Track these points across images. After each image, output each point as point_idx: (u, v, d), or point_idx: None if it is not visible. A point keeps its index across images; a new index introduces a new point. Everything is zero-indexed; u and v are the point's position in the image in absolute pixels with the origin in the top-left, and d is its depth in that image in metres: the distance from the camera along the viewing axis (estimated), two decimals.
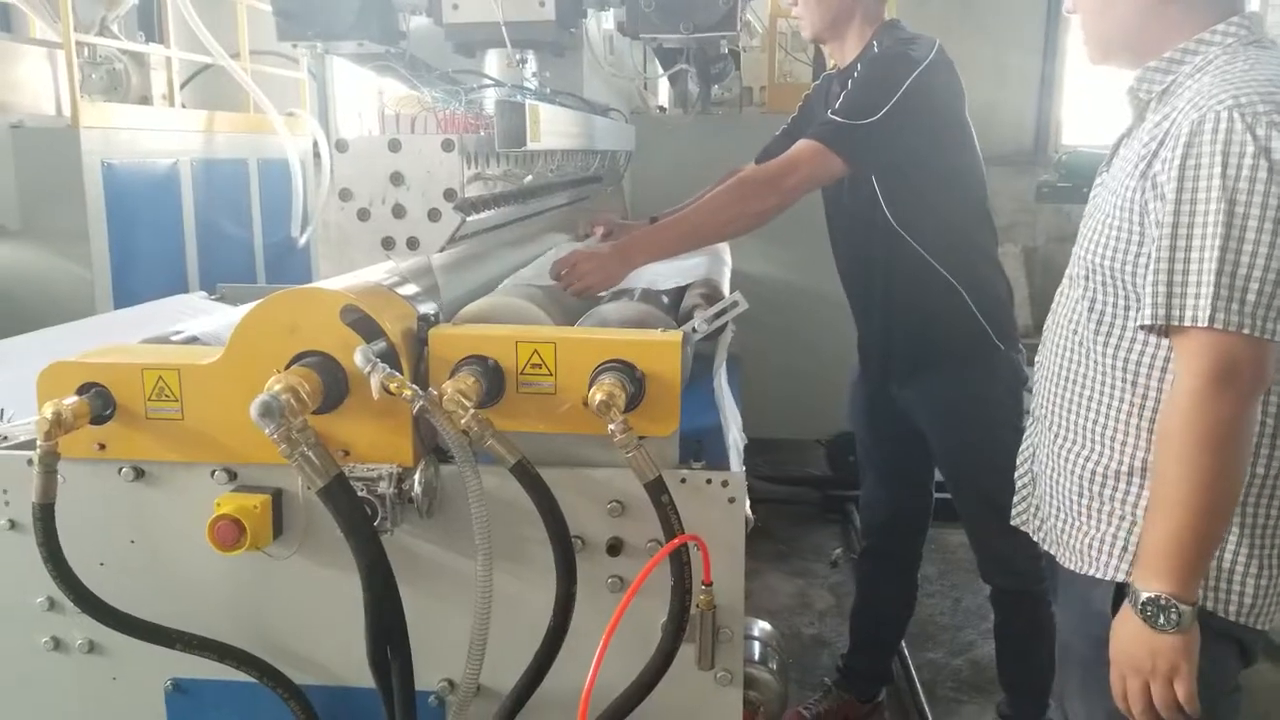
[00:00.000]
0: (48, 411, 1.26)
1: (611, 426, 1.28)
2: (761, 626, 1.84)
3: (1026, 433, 1.61)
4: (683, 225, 2.03)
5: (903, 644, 2.91)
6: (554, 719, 1.42)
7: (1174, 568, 1.23)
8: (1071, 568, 1.44)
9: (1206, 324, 1.18)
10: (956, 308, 2.16)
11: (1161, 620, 1.23)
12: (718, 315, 1.47)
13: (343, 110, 6.12)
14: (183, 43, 4.77)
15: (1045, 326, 1.56)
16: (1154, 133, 1.29)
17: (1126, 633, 1.28)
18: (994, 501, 2.32)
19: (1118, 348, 1.36)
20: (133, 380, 1.35)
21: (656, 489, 1.29)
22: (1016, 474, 1.63)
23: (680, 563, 1.30)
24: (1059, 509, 1.47)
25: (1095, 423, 1.39)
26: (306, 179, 5.10)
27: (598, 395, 1.29)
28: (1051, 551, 1.51)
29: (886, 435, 2.45)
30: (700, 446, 1.45)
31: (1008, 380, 2.19)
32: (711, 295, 1.99)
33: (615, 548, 1.42)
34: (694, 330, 1.47)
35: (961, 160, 2.19)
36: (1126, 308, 1.34)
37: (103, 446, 1.38)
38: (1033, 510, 1.57)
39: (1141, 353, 1.33)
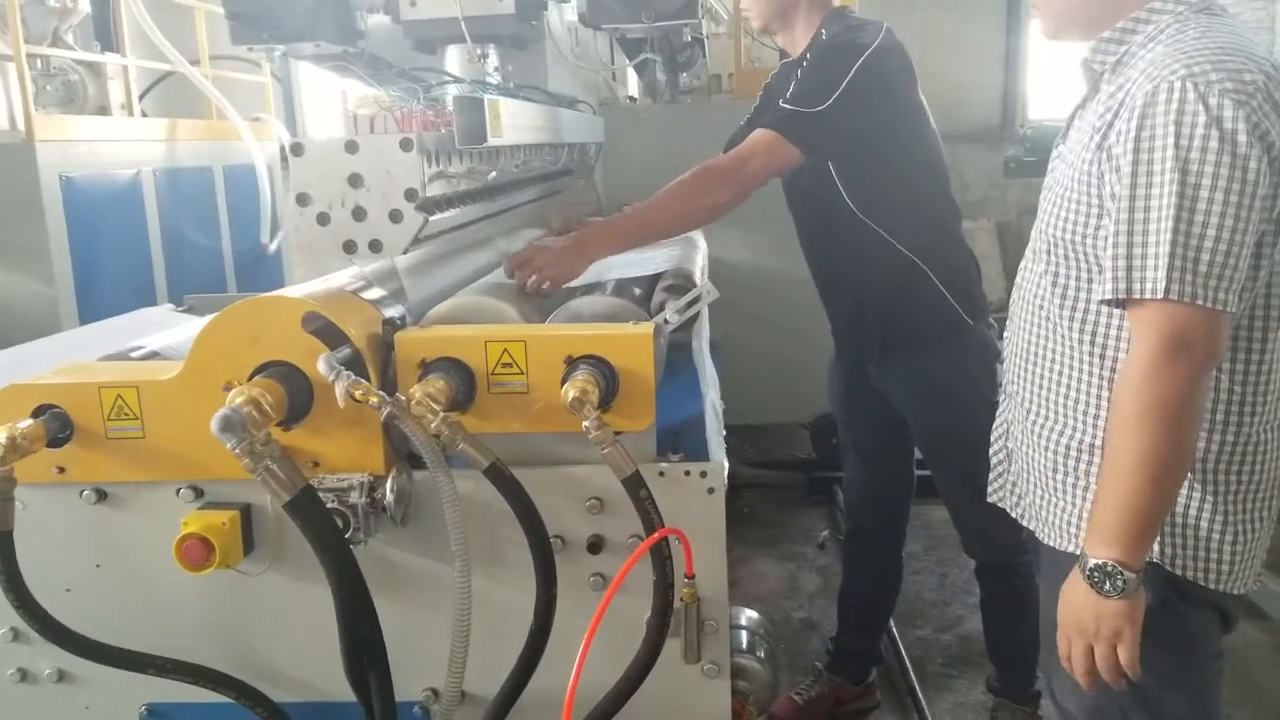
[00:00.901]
0: (1, 436, 1.22)
1: (586, 424, 1.26)
2: (749, 615, 1.83)
3: (1000, 409, 1.60)
4: (639, 217, 2.02)
5: (891, 622, 2.91)
6: None
7: (1122, 536, 1.24)
8: (1051, 543, 1.43)
9: (1161, 295, 1.18)
10: (923, 287, 2.16)
11: (1107, 586, 1.24)
12: (689, 305, 1.45)
13: (309, 114, 6.06)
14: (140, 51, 4.68)
15: (1011, 302, 1.55)
16: (1109, 104, 1.28)
17: (1073, 597, 1.30)
18: (971, 476, 2.31)
19: (1083, 322, 1.35)
20: (90, 400, 1.32)
21: (634, 484, 1.27)
22: (991, 450, 1.62)
23: (661, 557, 1.28)
24: (1035, 485, 1.47)
25: (1066, 398, 1.39)
26: (274, 185, 5.03)
27: (570, 392, 1.27)
28: (1030, 527, 1.51)
29: (865, 416, 2.44)
30: (678, 439, 1.42)
31: (979, 354, 2.19)
32: (683, 285, 1.97)
33: (596, 545, 1.40)
34: (666, 321, 1.44)
35: (917, 140, 2.19)
36: (1089, 280, 1.33)
37: (62, 469, 1.34)
38: (1009, 486, 1.57)
39: (1108, 325, 1.33)
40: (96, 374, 1.37)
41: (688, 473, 1.38)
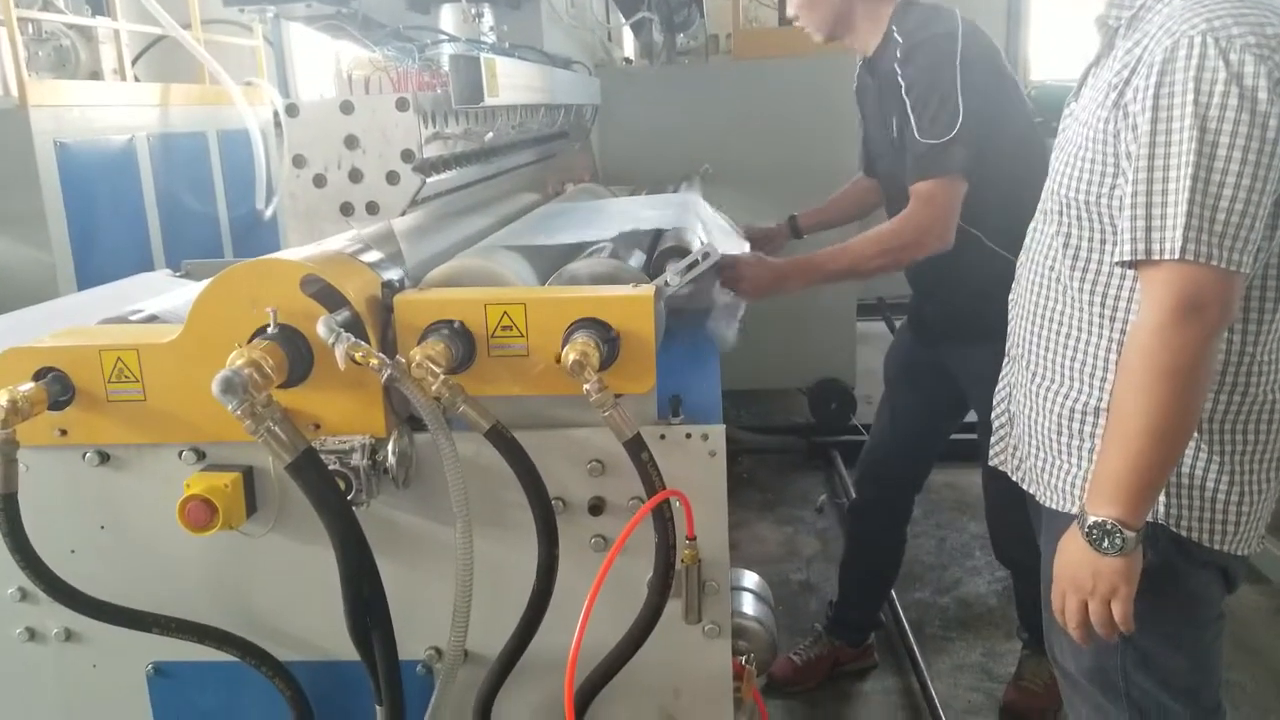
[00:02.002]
0: (2, 399, 1.22)
1: (587, 386, 1.25)
2: (749, 576, 1.84)
3: (1003, 372, 1.60)
4: (841, 261, 2.06)
5: (892, 587, 2.93)
6: (543, 681, 1.42)
7: (1124, 495, 1.24)
8: (1053, 506, 1.44)
9: (1178, 255, 1.16)
10: (1009, 281, 2.13)
11: (1105, 544, 1.25)
12: (690, 267, 1.45)
13: (303, 77, 6.00)
14: (131, 15, 4.62)
15: (1019, 264, 1.54)
16: (1125, 60, 1.27)
17: (1070, 552, 1.30)
18: None
19: (1094, 284, 1.34)
20: (90, 363, 1.31)
21: (635, 447, 1.27)
22: (994, 414, 1.62)
23: (663, 519, 1.29)
24: (1038, 448, 1.47)
25: (1073, 360, 1.38)
26: (269, 149, 4.99)
27: (571, 355, 1.26)
28: (1030, 490, 1.51)
29: (918, 388, 2.44)
30: (679, 401, 1.42)
31: None
32: (683, 248, 1.96)
33: (597, 508, 1.40)
34: (666, 284, 1.44)
35: (1017, 123, 2.15)
36: (1103, 242, 1.32)
37: (64, 432, 1.34)
38: (1010, 450, 1.57)
39: (1119, 288, 1.32)
40: (96, 337, 1.37)
41: (689, 435, 1.38)
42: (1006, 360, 1.58)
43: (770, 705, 2.51)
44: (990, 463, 1.62)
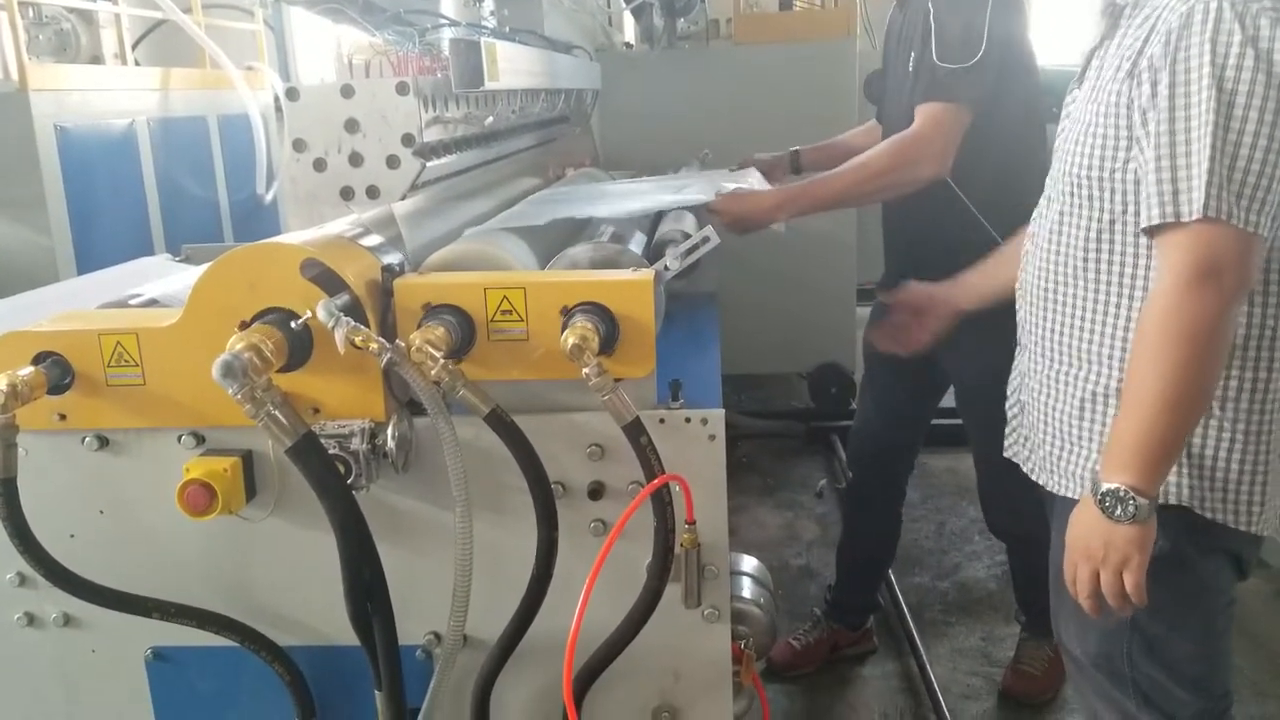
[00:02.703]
0: (2, 383, 1.22)
1: (586, 370, 1.25)
2: (749, 561, 1.84)
3: (1015, 362, 1.59)
4: (834, 186, 2.00)
5: (888, 569, 2.94)
6: (542, 666, 1.42)
7: (1139, 462, 1.23)
8: (1067, 494, 1.43)
9: (1199, 214, 1.17)
10: (989, 251, 2.12)
11: (1119, 511, 1.24)
12: (689, 252, 1.44)
13: (303, 62, 5.97)
14: None
15: (1024, 252, 1.53)
16: (1137, 34, 1.27)
17: (1083, 521, 1.29)
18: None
19: (1109, 263, 1.34)
20: (90, 347, 1.31)
21: (635, 431, 1.27)
22: (1006, 404, 1.61)
23: (662, 503, 1.29)
24: (1054, 435, 1.45)
25: (1091, 343, 1.37)
26: (269, 134, 4.97)
27: (570, 339, 1.26)
28: (1042, 481, 1.50)
29: (898, 364, 2.42)
30: (679, 385, 1.42)
31: None
32: (683, 231, 1.96)
33: (596, 492, 1.40)
34: (666, 268, 1.43)
35: (1025, 91, 2.10)
36: (1115, 219, 1.32)
37: (63, 417, 1.34)
38: (1022, 440, 1.56)
39: (1135, 265, 1.31)
40: (96, 321, 1.36)
41: (688, 420, 1.38)
42: (1018, 349, 1.57)
43: (769, 690, 2.51)
44: (1005, 454, 1.60)
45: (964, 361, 2.25)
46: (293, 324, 1.26)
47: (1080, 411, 1.40)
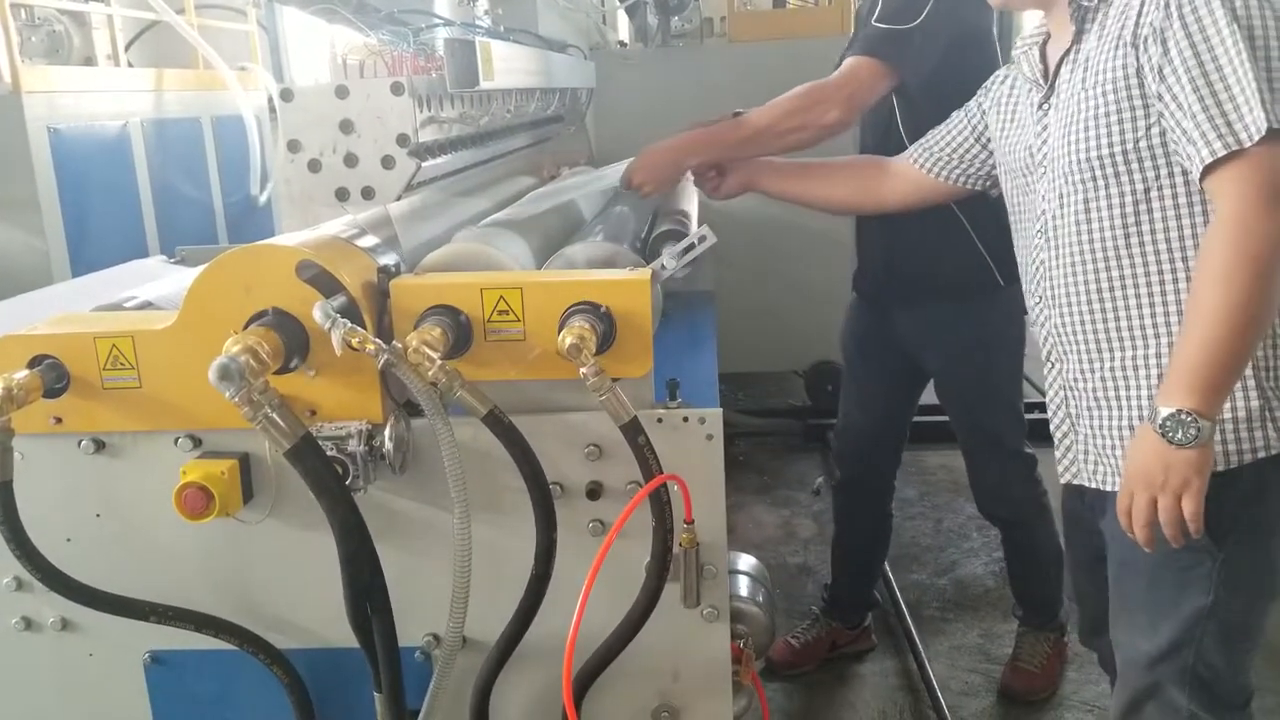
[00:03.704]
0: None
1: (584, 370, 1.25)
2: (746, 560, 1.84)
3: (1049, 381, 1.55)
4: (741, 132, 1.96)
5: (886, 566, 2.94)
6: (542, 666, 1.42)
7: (1199, 384, 1.23)
8: None
9: (1264, 130, 1.18)
10: (961, 243, 2.13)
11: (1179, 435, 1.23)
12: (686, 251, 1.44)
13: (296, 62, 5.96)
14: (125, 0, 4.59)
15: (1035, 264, 1.50)
16: (1119, 18, 1.32)
17: (1142, 448, 1.28)
18: (990, 431, 2.34)
19: (1154, 231, 1.34)
20: (85, 350, 1.31)
21: (632, 430, 1.27)
22: (1051, 426, 1.57)
23: (660, 502, 1.29)
24: (1115, 435, 1.42)
25: (1154, 316, 1.36)
26: (263, 135, 4.96)
27: (568, 339, 1.26)
28: (1111, 486, 1.44)
29: (876, 362, 2.43)
30: (677, 385, 1.42)
31: (1008, 310, 2.13)
32: (680, 231, 1.95)
33: (595, 492, 1.40)
34: (663, 267, 1.43)
35: (983, 66, 2.12)
36: (1157, 177, 1.32)
37: (59, 420, 1.33)
38: (1082, 455, 1.51)
39: (1181, 226, 1.32)
40: (91, 324, 1.36)
41: (686, 419, 1.38)
42: (1047, 366, 1.54)
43: (768, 688, 2.52)
44: (1061, 479, 1.56)
45: (937, 349, 2.26)
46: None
47: (1148, 395, 1.37)
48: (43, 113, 3.60)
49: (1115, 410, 1.43)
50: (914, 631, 2.73)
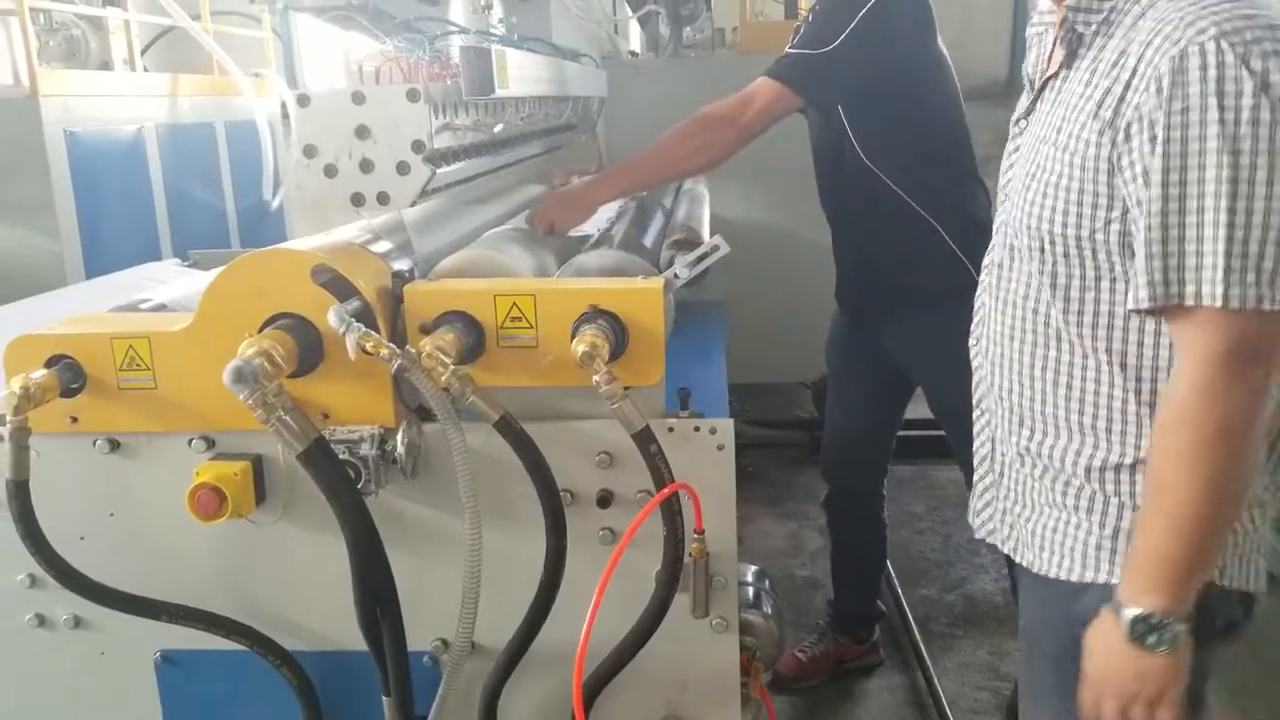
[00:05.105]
0: (15, 386, 1.23)
1: (596, 378, 1.25)
2: (755, 571, 1.84)
3: (976, 428, 1.39)
4: (640, 164, 2.03)
5: (895, 581, 2.93)
6: (550, 673, 1.42)
7: (1172, 579, 1.07)
8: (1064, 576, 1.23)
9: (1219, 302, 1.00)
10: (934, 245, 2.15)
11: (1153, 640, 1.08)
12: (699, 260, 1.44)
13: (310, 69, 6.00)
14: (141, 5, 4.62)
15: (980, 305, 1.36)
16: (1111, 74, 1.09)
17: (1108, 650, 1.12)
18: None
19: (1094, 328, 1.16)
20: (102, 350, 1.32)
21: (644, 439, 1.27)
22: (975, 476, 1.41)
23: (671, 512, 1.29)
24: (1036, 509, 1.27)
25: (1083, 414, 1.19)
26: (276, 141, 4.99)
27: (580, 347, 1.26)
28: (1027, 560, 1.30)
29: (861, 372, 2.44)
30: (688, 394, 1.42)
31: None
32: (691, 240, 1.96)
33: (605, 500, 1.40)
34: (675, 276, 1.44)
35: (932, 94, 2.15)
36: (1098, 280, 1.14)
37: (75, 419, 1.34)
38: (1000, 514, 1.36)
39: (1126, 330, 1.15)
40: (108, 325, 1.37)
41: (697, 429, 1.38)
42: (977, 412, 1.38)
43: (775, 702, 2.51)
44: (977, 534, 1.41)
45: (922, 360, 2.26)
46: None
47: (1079, 485, 1.21)
48: (59, 116, 3.63)
49: (1039, 486, 1.27)
50: (922, 647, 2.72)
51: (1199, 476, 1.04)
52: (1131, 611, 1.09)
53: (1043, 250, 1.18)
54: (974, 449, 1.40)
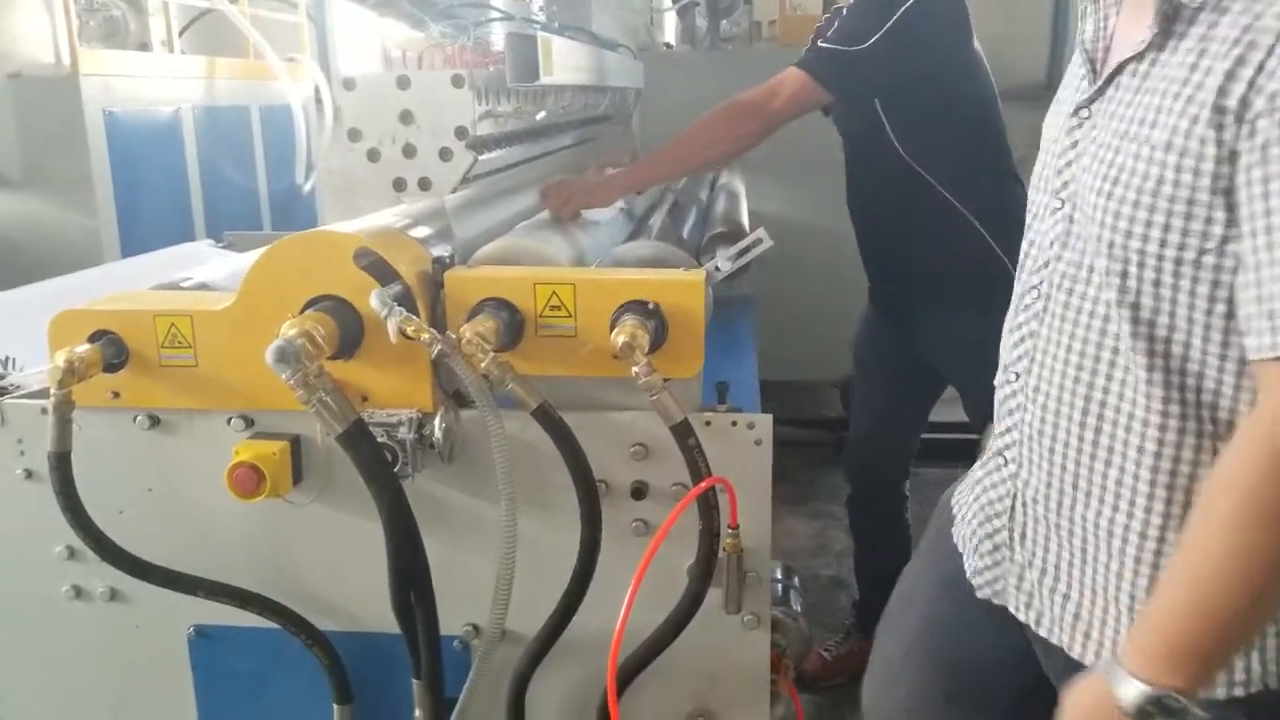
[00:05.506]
0: (60, 360, 1.24)
1: (636, 369, 1.25)
2: (783, 568, 1.83)
3: (994, 478, 1.20)
4: (666, 153, 2.03)
5: None
6: (577, 662, 1.42)
7: (1198, 659, 0.90)
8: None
9: None
10: (972, 242, 2.12)
11: None
12: (741, 253, 1.43)
13: (344, 55, 6.02)
14: None
15: (1025, 338, 1.13)
16: (1228, 54, 0.88)
17: None
18: None
19: (1182, 375, 0.94)
20: (144, 327, 1.32)
21: (683, 432, 1.26)
22: (984, 531, 1.21)
23: (708, 506, 1.28)
24: (1080, 589, 1.09)
25: (1154, 481, 0.98)
26: (309, 125, 5.02)
27: (620, 337, 1.26)
28: (1057, 638, 1.12)
29: (888, 371, 2.42)
30: (726, 388, 1.42)
31: None
32: (734, 233, 1.95)
33: (639, 492, 1.39)
34: (717, 269, 1.43)
35: (966, 93, 2.13)
36: (1194, 316, 0.92)
37: (117, 395, 1.35)
38: (1015, 581, 1.16)
39: (1218, 382, 0.94)
40: (151, 302, 1.38)
41: (734, 423, 1.37)
42: (997, 459, 1.19)
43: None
44: (979, 594, 1.22)
45: (963, 365, 2.24)
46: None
47: (1148, 571, 1.01)
48: (99, 95, 3.67)
49: (1087, 566, 1.08)
50: None
51: (1252, 548, 0.86)
52: (1140, 688, 0.90)
53: (1124, 275, 0.96)
54: (984, 497, 1.21)
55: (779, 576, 1.80)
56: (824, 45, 1.99)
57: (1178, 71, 0.93)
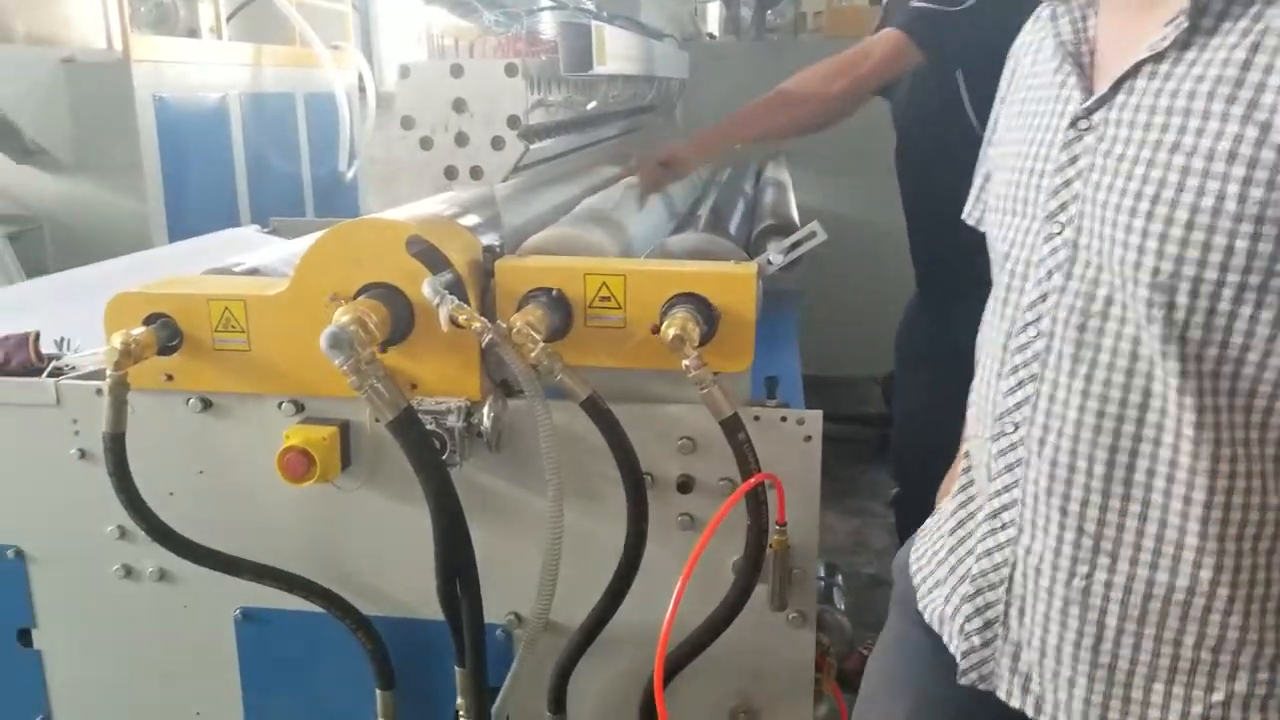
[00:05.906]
0: (116, 341, 1.25)
1: (686, 362, 1.23)
2: (827, 566, 1.82)
3: (988, 544, 1.01)
4: (752, 113, 1.97)
5: None
6: (620, 654, 1.41)
7: None
8: None
9: None
10: None
11: None
12: (794, 246, 1.41)
13: (388, 43, 6.06)
14: None
15: (1025, 380, 0.96)
16: (1239, 41, 0.80)
17: None
18: None
19: (1231, 411, 0.84)
20: (199, 311, 1.33)
21: (733, 426, 1.25)
22: (972, 605, 1.02)
23: (757, 501, 1.27)
24: (1089, 673, 0.94)
25: (1204, 534, 0.86)
26: (353, 113, 5.06)
27: (671, 330, 1.25)
28: None
29: (935, 365, 2.36)
30: (776, 383, 1.40)
31: None
32: (785, 226, 1.93)
33: (686, 485, 1.38)
34: (769, 262, 1.41)
35: None
36: (1266, 353, 0.81)
37: (170, 377, 1.37)
38: (1007, 665, 1.00)
39: (1266, 439, 0.84)
40: (204, 286, 1.39)
41: (784, 419, 1.36)
42: (994, 523, 1.01)
43: None
44: (961, 680, 1.03)
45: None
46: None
47: (1194, 625, 0.89)
48: (149, 81, 3.72)
49: (1121, 637, 0.92)
50: None
51: None
52: None
53: (1171, 307, 0.82)
54: (975, 566, 1.03)
55: (822, 574, 1.78)
56: (921, 4, 1.89)
57: (1223, 70, 0.81)
